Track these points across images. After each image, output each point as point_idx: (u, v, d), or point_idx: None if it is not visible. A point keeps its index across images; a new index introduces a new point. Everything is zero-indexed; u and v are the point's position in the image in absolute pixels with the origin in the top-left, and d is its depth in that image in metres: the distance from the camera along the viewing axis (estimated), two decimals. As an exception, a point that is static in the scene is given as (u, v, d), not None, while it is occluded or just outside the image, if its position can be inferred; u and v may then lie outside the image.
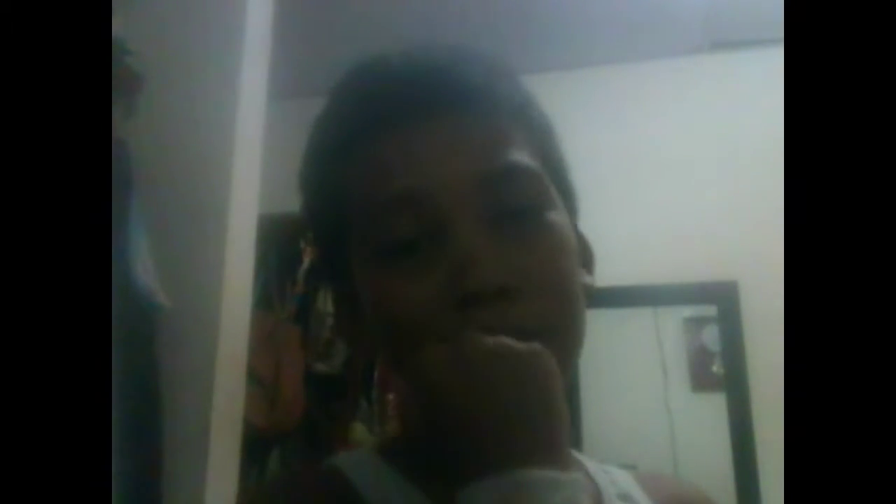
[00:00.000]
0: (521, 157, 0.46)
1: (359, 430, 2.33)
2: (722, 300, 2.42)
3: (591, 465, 0.58)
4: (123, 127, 1.54)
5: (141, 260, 1.44)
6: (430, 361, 0.42)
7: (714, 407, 2.36)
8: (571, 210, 0.51)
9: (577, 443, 2.37)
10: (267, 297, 2.47)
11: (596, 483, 0.55)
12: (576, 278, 0.46)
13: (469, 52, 0.49)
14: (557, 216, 0.47)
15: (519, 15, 2.46)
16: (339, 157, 0.48)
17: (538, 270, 0.44)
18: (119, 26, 1.42)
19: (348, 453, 0.57)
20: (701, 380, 2.46)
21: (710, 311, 2.46)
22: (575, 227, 0.51)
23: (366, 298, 0.48)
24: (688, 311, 2.52)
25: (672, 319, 2.50)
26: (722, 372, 2.40)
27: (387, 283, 0.45)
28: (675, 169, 2.56)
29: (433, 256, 0.44)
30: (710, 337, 2.47)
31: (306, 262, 2.57)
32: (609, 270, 2.58)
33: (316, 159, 0.51)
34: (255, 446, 2.19)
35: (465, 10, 2.43)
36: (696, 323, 2.51)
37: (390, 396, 2.36)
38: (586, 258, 0.52)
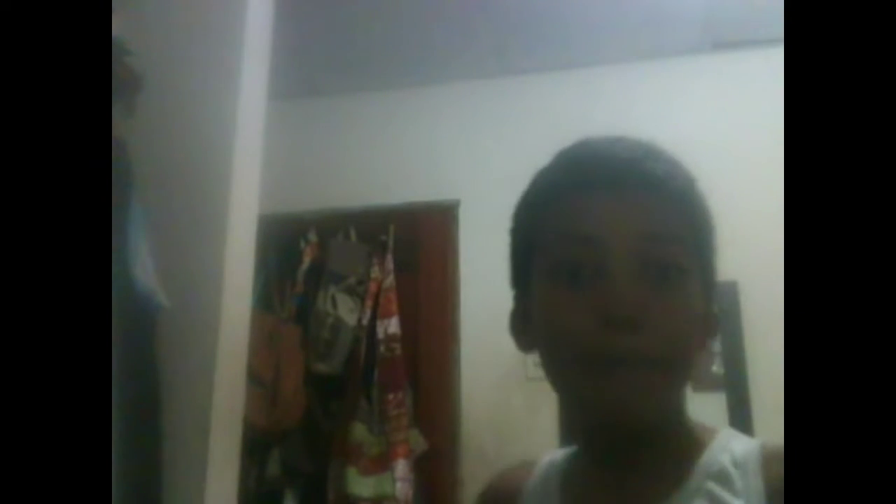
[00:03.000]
0: (672, 230, 0.63)
1: (359, 430, 2.33)
2: (722, 300, 2.42)
3: (723, 434, 0.67)
4: (123, 127, 1.54)
5: (141, 260, 1.44)
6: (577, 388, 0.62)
7: (714, 407, 2.36)
8: (708, 284, 0.65)
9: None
10: (267, 297, 2.47)
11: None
12: (688, 334, 0.61)
13: (654, 147, 0.68)
14: (690, 284, 0.62)
15: (519, 15, 2.46)
16: (551, 200, 0.66)
17: (662, 318, 0.59)
18: (119, 26, 1.42)
19: (557, 452, 0.73)
20: (701, 380, 2.46)
21: (710, 311, 2.45)
22: (709, 298, 0.66)
23: (536, 302, 0.65)
24: (688, 311, 2.51)
25: (672, 319, 2.50)
26: (722, 372, 2.40)
27: (554, 293, 0.62)
28: (675, 169, 2.56)
29: (591, 283, 0.60)
30: (710, 337, 2.46)
31: (306, 262, 2.57)
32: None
33: (533, 200, 0.69)
34: (255, 446, 2.19)
35: (465, 10, 2.43)
36: (696, 323, 2.50)
37: (390, 396, 2.36)
38: (710, 326, 0.66)
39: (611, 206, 0.62)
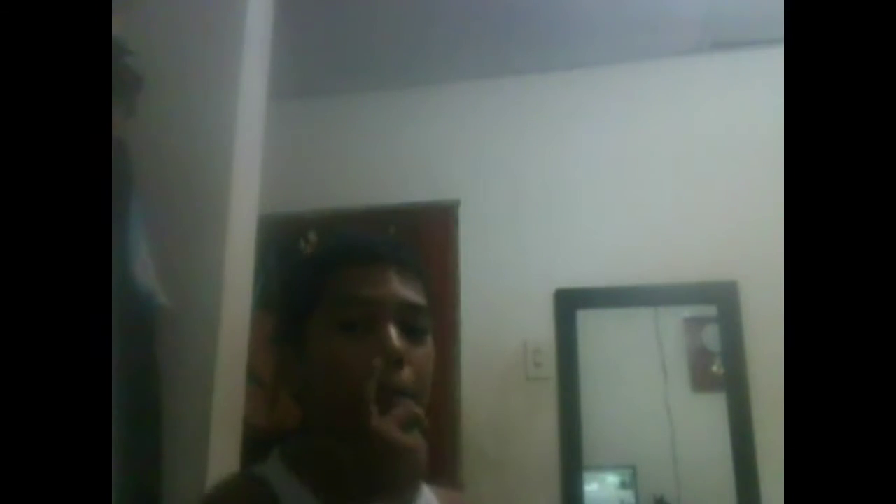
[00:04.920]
0: (420, 300, 0.81)
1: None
2: (722, 300, 2.42)
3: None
4: (123, 127, 1.54)
5: (141, 260, 1.44)
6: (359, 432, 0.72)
7: (714, 407, 2.36)
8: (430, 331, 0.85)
9: (577, 443, 2.37)
10: (267, 297, 2.47)
11: None
12: (431, 374, 0.81)
13: (392, 237, 0.86)
14: (429, 343, 0.82)
15: (519, 15, 2.46)
16: (333, 269, 0.82)
17: (417, 362, 0.78)
18: (119, 26, 1.42)
19: (264, 462, 0.83)
20: (701, 380, 2.46)
21: (710, 311, 2.46)
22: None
23: (317, 350, 0.78)
24: (688, 311, 2.51)
25: (672, 319, 2.50)
26: (722, 372, 2.40)
27: (337, 342, 0.77)
28: (674, 169, 2.56)
29: (366, 335, 0.77)
30: (710, 337, 2.46)
31: (306, 262, 2.57)
32: (609, 270, 2.58)
33: (316, 269, 0.84)
34: (255, 446, 2.18)
35: (465, 10, 2.43)
36: (696, 323, 2.50)
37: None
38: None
39: (378, 277, 0.80)
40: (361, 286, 0.79)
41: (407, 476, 0.74)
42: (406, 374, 0.76)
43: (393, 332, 0.77)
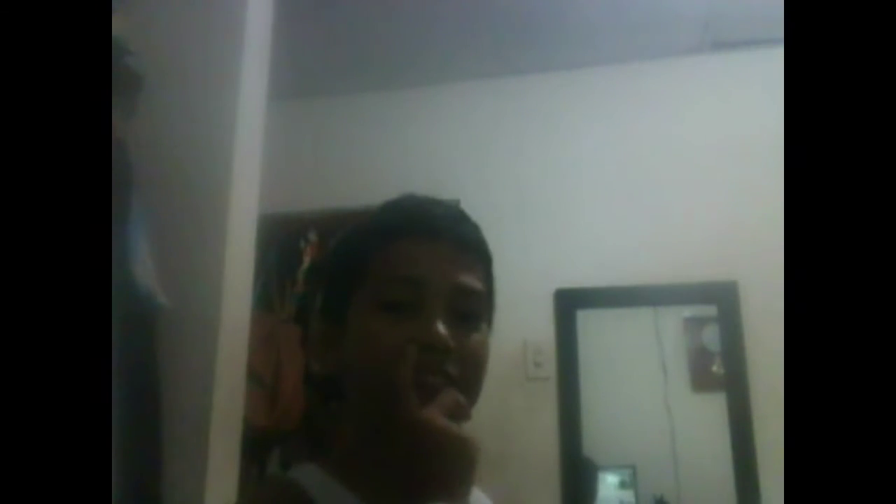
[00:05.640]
0: (475, 284, 0.73)
1: (359, 430, 2.33)
2: (722, 300, 2.42)
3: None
4: (123, 127, 1.54)
5: (141, 260, 1.44)
6: (401, 423, 0.63)
7: (714, 407, 2.36)
8: (490, 319, 0.78)
9: (577, 443, 2.37)
10: (267, 297, 2.47)
11: None
12: (485, 364, 0.74)
13: (465, 213, 0.79)
14: (483, 331, 0.74)
15: (519, 15, 2.46)
16: (379, 245, 0.74)
17: (467, 351, 0.71)
18: (119, 26, 1.42)
19: (301, 467, 0.75)
20: (701, 380, 2.46)
21: (710, 311, 2.46)
22: (490, 325, 0.77)
23: (356, 330, 0.72)
24: (688, 311, 2.51)
25: (672, 319, 2.50)
26: (722, 372, 2.40)
27: (377, 323, 0.70)
28: (675, 169, 2.56)
29: (410, 317, 0.69)
30: (710, 337, 2.46)
31: (306, 262, 2.58)
32: (609, 270, 2.57)
33: (359, 243, 0.76)
34: (255, 446, 2.19)
35: (465, 10, 2.43)
36: (696, 323, 2.50)
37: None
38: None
39: (430, 255, 0.72)
40: (408, 264, 0.71)
41: (462, 470, 0.62)
42: (451, 364, 0.68)
43: (440, 317, 0.69)
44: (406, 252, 0.72)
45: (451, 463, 0.62)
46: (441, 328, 0.68)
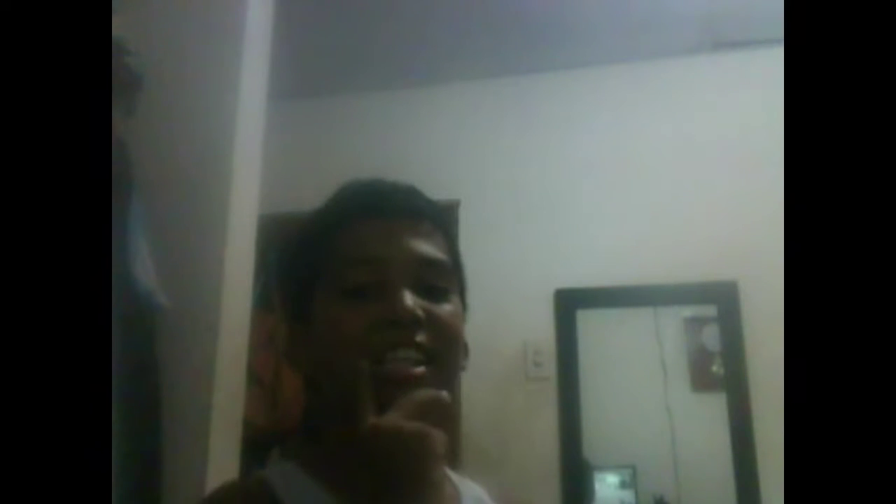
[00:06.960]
0: (437, 254, 0.71)
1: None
2: (722, 300, 2.42)
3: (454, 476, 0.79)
4: (123, 127, 1.54)
5: (141, 260, 1.44)
6: (361, 432, 0.60)
7: (714, 407, 2.36)
8: (462, 291, 0.75)
9: (577, 443, 2.37)
10: (267, 297, 2.47)
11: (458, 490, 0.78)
12: (459, 335, 0.70)
13: (414, 186, 0.79)
14: (454, 301, 0.71)
15: (519, 15, 2.46)
16: (334, 230, 0.72)
17: (439, 322, 0.68)
18: (119, 26, 1.42)
19: (273, 465, 0.73)
20: (701, 380, 2.46)
21: (710, 311, 2.46)
22: (463, 302, 0.75)
23: (322, 321, 0.69)
24: (688, 311, 2.52)
25: (672, 319, 2.50)
26: (722, 372, 2.40)
27: (341, 311, 0.67)
28: (675, 169, 2.56)
29: (375, 300, 0.67)
30: (710, 337, 2.47)
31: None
32: (609, 270, 2.57)
33: (315, 233, 0.74)
34: (255, 446, 2.18)
35: (465, 10, 2.43)
36: (696, 323, 2.51)
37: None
38: (464, 348, 0.74)
39: (387, 233, 0.70)
40: (365, 245, 0.69)
41: (422, 464, 0.60)
42: (423, 335, 0.66)
43: (405, 291, 0.66)
44: (361, 234, 0.70)
45: (411, 461, 0.59)
46: (408, 300, 0.66)
